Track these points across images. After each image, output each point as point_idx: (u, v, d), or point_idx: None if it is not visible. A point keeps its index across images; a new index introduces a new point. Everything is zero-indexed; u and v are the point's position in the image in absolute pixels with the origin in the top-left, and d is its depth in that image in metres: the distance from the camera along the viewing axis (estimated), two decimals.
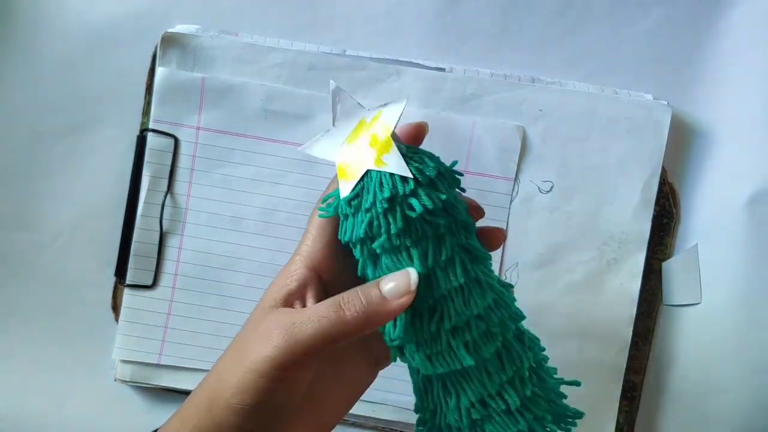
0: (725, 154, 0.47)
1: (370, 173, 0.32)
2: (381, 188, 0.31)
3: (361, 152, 0.32)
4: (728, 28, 0.47)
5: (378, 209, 0.31)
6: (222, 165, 0.48)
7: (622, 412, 0.48)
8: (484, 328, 0.33)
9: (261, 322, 0.32)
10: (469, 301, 0.33)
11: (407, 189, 0.31)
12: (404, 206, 0.31)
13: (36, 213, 0.49)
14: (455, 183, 0.34)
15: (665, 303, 0.48)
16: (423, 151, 0.33)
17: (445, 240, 0.32)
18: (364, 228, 0.32)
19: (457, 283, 0.32)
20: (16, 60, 0.48)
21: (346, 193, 0.32)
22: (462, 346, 0.33)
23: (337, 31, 0.48)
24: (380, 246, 0.32)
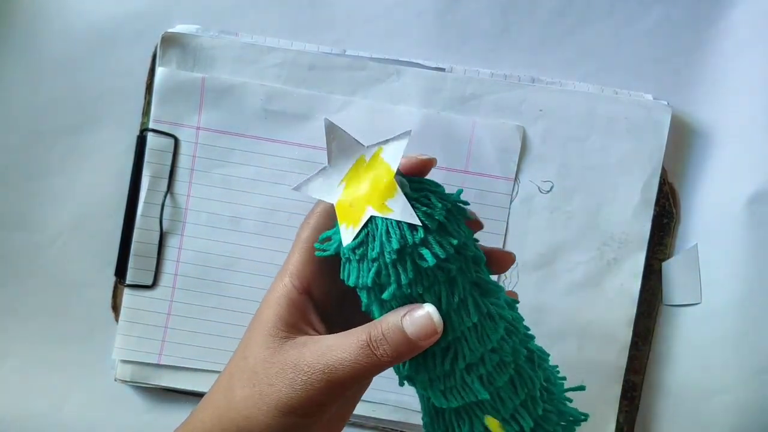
0: (725, 154, 0.47)
1: (375, 220, 0.30)
2: (388, 238, 0.30)
3: (362, 195, 0.31)
4: (728, 28, 0.47)
5: (386, 259, 0.30)
6: (222, 165, 0.48)
7: (622, 412, 0.48)
8: (497, 359, 0.32)
9: (278, 356, 0.31)
10: (483, 338, 0.32)
11: (417, 238, 0.29)
12: (415, 256, 0.30)
13: (36, 213, 0.49)
14: (462, 214, 0.32)
15: (665, 303, 0.48)
16: (427, 185, 0.32)
17: (457, 282, 0.31)
18: (371, 277, 0.30)
19: (471, 322, 0.31)
20: (16, 60, 0.48)
21: (348, 240, 0.30)
22: (477, 381, 0.32)
23: (337, 31, 0.48)
24: (390, 295, 0.30)
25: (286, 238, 0.48)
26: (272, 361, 0.31)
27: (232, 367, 0.33)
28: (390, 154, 0.30)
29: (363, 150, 0.31)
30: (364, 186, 0.31)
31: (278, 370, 0.31)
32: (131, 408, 0.49)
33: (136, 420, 0.49)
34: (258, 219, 0.48)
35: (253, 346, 0.32)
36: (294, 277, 0.33)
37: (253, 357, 0.32)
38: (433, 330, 0.30)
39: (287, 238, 0.48)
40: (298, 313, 0.33)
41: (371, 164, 0.31)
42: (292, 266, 0.33)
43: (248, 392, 0.32)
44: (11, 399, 0.49)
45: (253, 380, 0.32)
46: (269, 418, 0.31)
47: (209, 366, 0.48)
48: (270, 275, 0.47)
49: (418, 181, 0.32)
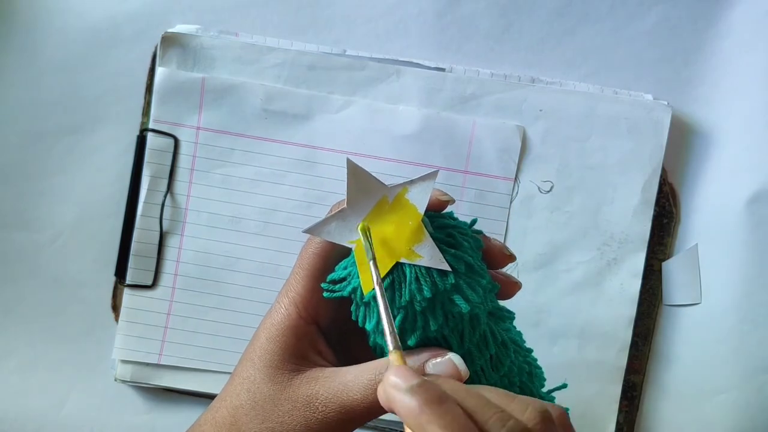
0: (725, 154, 0.47)
1: (402, 267, 0.28)
2: (419, 287, 0.28)
3: (386, 239, 0.29)
4: (728, 28, 0.47)
5: (416, 308, 0.28)
6: (222, 165, 0.48)
7: (622, 412, 0.48)
8: (506, 382, 0.32)
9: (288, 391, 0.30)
10: (497, 366, 0.31)
11: (448, 285, 0.28)
12: (446, 303, 0.28)
13: (36, 213, 0.49)
14: (479, 246, 0.31)
15: (665, 303, 0.48)
16: (447, 222, 0.30)
17: (479, 318, 0.30)
18: (396, 325, 0.28)
19: (488, 354, 0.30)
20: (16, 60, 0.48)
21: (370, 287, 0.28)
22: None
23: (337, 31, 0.48)
24: (415, 341, 0.29)
25: (286, 238, 0.48)
26: (282, 397, 0.30)
27: (234, 399, 0.31)
28: (416, 195, 0.29)
29: (386, 190, 0.29)
30: (387, 229, 0.29)
31: (290, 408, 0.30)
32: (131, 408, 0.49)
33: (136, 420, 0.49)
34: (258, 219, 0.48)
35: (258, 381, 0.31)
36: (300, 307, 0.31)
37: (260, 392, 0.30)
38: (459, 378, 0.28)
39: (287, 238, 0.48)
40: (307, 344, 0.31)
41: (395, 206, 0.29)
42: (296, 294, 0.31)
43: (257, 429, 0.30)
44: (11, 399, 0.49)
45: (261, 417, 0.30)
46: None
47: (209, 366, 0.48)
48: (270, 275, 0.47)
49: (439, 217, 0.30)
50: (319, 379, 0.30)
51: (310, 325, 0.31)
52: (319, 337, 0.32)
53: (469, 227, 0.31)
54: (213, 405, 0.32)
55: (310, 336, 0.31)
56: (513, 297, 0.33)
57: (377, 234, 0.29)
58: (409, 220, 0.29)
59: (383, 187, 0.29)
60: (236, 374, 0.32)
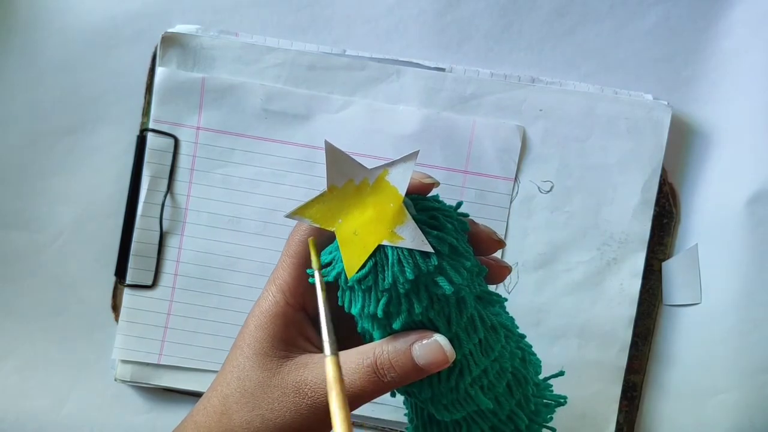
0: (725, 154, 0.47)
1: (384, 249, 0.28)
2: (401, 269, 0.28)
3: (367, 222, 0.28)
4: (728, 28, 0.47)
5: (400, 290, 0.28)
6: (222, 165, 0.48)
7: (622, 412, 0.48)
8: (498, 367, 0.32)
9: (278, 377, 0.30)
10: (487, 350, 0.31)
11: (431, 266, 0.28)
12: (429, 285, 0.28)
13: (36, 213, 0.49)
14: (464, 229, 0.30)
15: (665, 303, 0.48)
16: (431, 204, 0.30)
17: (466, 301, 0.30)
18: (381, 308, 0.28)
19: (477, 339, 0.30)
20: (16, 60, 0.48)
21: (353, 270, 0.28)
22: (479, 392, 0.31)
23: (337, 31, 0.48)
24: (401, 324, 0.29)
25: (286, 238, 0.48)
26: (272, 384, 0.30)
27: (225, 388, 0.32)
28: (397, 177, 0.28)
29: (366, 173, 0.29)
30: (368, 212, 0.29)
31: (279, 394, 0.30)
32: (131, 408, 0.49)
33: (136, 420, 0.49)
34: (258, 219, 0.48)
35: (248, 368, 0.31)
36: (287, 294, 0.31)
37: (249, 379, 0.31)
38: (445, 359, 0.29)
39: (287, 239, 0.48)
40: (295, 331, 0.31)
41: (375, 188, 0.29)
42: (283, 282, 0.32)
43: (247, 416, 0.30)
44: (11, 399, 0.49)
45: (251, 404, 0.30)
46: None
47: (209, 366, 0.48)
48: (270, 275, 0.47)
49: (422, 199, 0.30)
50: (308, 365, 0.30)
51: (298, 312, 0.32)
52: (308, 324, 0.32)
53: (455, 210, 0.31)
54: (205, 395, 0.33)
55: (298, 322, 0.32)
56: (504, 281, 0.33)
57: (357, 218, 0.29)
58: (390, 202, 0.28)
59: (363, 169, 0.29)
60: (227, 363, 0.32)
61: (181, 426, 0.33)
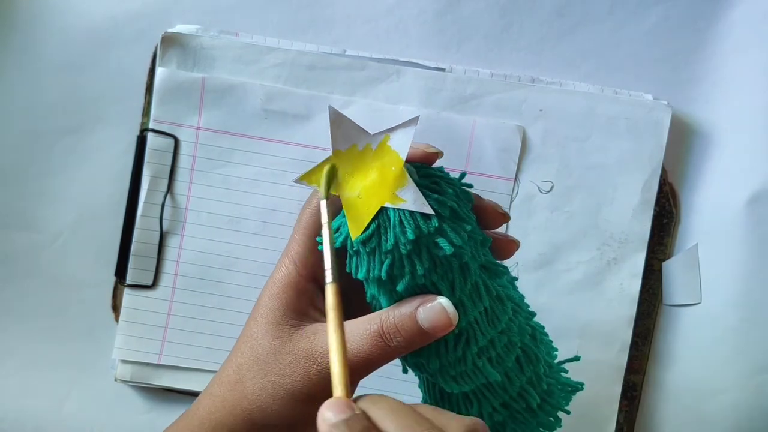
0: (725, 154, 0.47)
1: (387, 211, 0.29)
2: (403, 230, 0.28)
3: (370, 185, 0.29)
4: (728, 28, 0.47)
5: (402, 251, 0.29)
6: (222, 165, 0.48)
7: (622, 412, 0.48)
8: (506, 340, 0.32)
9: (290, 344, 0.31)
10: (493, 320, 0.31)
11: (431, 227, 0.28)
12: (430, 246, 0.29)
13: (36, 213, 0.49)
14: (468, 198, 0.31)
15: (665, 303, 0.48)
16: (434, 172, 0.31)
17: (470, 267, 0.30)
18: (385, 270, 0.29)
19: (482, 307, 0.31)
20: (16, 60, 0.48)
21: (357, 233, 0.29)
22: (487, 364, 0.32)
23: (337, 31, 0.48)
24: (404, 287, 0.30)
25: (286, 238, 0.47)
26: (283, 351, 0.31)
27: (239, 357, 0.33)
28: (398, 142, 0.29)
29: (369, 138, 0.30)
30: (371, 176, 0.29)
31: (291, 360, 0.31)
32: (131, 408, 0.49)
33: (136, 420, 0.49)
34: (258, 219, 0.48)
35: (260, 337, 0.32)
36: (299, 264, 0.32)
37: (261, 347, 0.32)
38: (448, 322, 0.29)
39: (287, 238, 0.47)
40: (306, 300, 0.32)
41: (378, 153, 0.30)
42: (295, 253, 0.33)
43: (260, 383, 0.31)
44: (11, 399, 0.49)
45: (264, 371, 0.31)
46: (285, 408, 0.30)
47: (209, 366, 0.48)
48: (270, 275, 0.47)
49: (425, 167, 0.31)
50: (319, 332, 0.31)
51: (309, 282, 0.32)
52: (319, 294, 0.33)
53: (458, 180, 0.31)
54: (221, 367, 0.34)
55: (310, 293, 0.32)
56: (512, 257, 0.34)
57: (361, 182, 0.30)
58: (392, 165, 0.29)
59: (366, 134, 0.30)
60: (242, 334, 0.33)
61: (198, 400, 0.34)
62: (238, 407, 0.32)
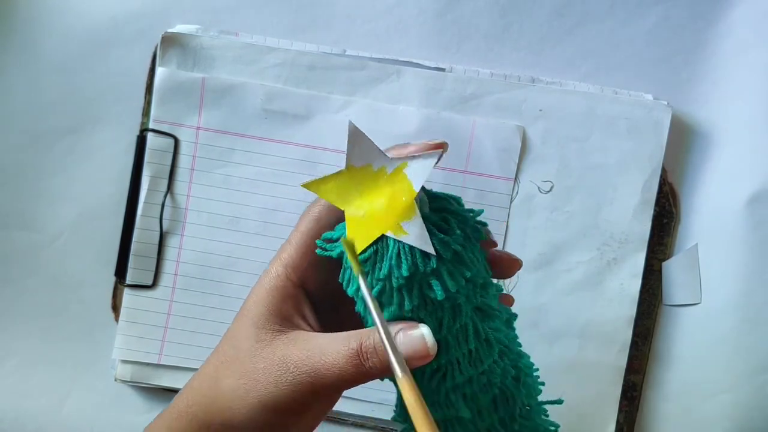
0: (725, 154, 0.47)
1: (387, 240, 0.28)
2: (399, 263, 0.28)
3: (377, 209, 0.28)
4: (728, 28, 0.47)
5: (393, 284, 0.28)
6: (222, 165, 0.48)
7: (622, 412, 0.48)
8: (485, 380, 0.31)
9: (267, 351, 0.31)
10: (476, 362, 0.30)
11: (428, 267, 0.27)
12: (423, 285, 0.28)
13: (36, 213, 0.49)
14: (477, 236, 0.30)
15: (665, 303, 0.48)
16: (448, 203, 0.30)
17: (461, 309, 0.29)
18: (375, 294, 0.28)
19: (467, 348, 0.30)
20: (16, 60, 0.48)
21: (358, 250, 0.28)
22: (461, 400, 0.31)
23: (337, 31, 0.48)
24: (391, 316, 0.29)
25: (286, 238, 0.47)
26: (260, 355, 0.31)
27: (220, 355, 0.32)
28: (415, 172, 0.28)
29: (386, 161, 0.29)
30: (380, 200, 0.28)
31: (265, 366, 0.30)
32: (131, 408, 0.49)
33: (136, 420, 0.49)
34: (258, 219, 0.48)
35: (241, 337, 0.32)
36: (289, 269, 0.32)
37: (241, 348, 0.31)
38: (426, 353, 0.28)
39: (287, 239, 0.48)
40: (292, 306, 0.32)
41: (392, 178, 0.29)
42: (288, 257, 0.32)
43: (234, 384, 0.31)
44: (11, 399, 0.49)
45: (239, 372, 0.31)
46: (253, 412, 0.30)
47: None
48: None
49: (439, 199, 0.30)
50: (298, 341, 0.30)
51: (298, 288, 0.32)
52: (305, 302, 0.32)
53: (473, 218, 0.30)
54: (205, 361, 0.33)
55: (296, 299, 0.32)
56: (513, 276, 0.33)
57: (369, 203, 0.29)
58: (403, 195, 0.28)
59: (384, 156, 0.29)
60: (227, 331, 0.33)
61: (180, 392, 0.33)
62: (213, 404, 0.31)
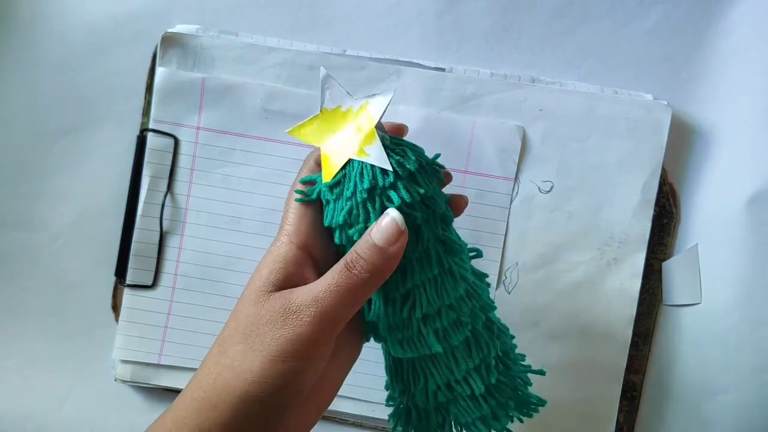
0: (725, 154, 0.47)
1: (352, 162, 0.33)
2: (361, 178, 0.32)
3: (346, 141, 0.33)
4: (728, 28, 0.47)
5: (358, 199, 0.32)
6: (222, 165, 0.48)
7: (622, 412, 0.48)
8: (454, 317, 0.34)
9: (267, 306, 0.32)
10: (441, 292, 0.34)
11: (387, 181, 0.32)
12: (383, 198, 0.32)
13: (36, 213, 0.49)
14: (436, 175, 0.35)
15: (665, 303, 0.48)
16: (406, 143, 0.34)
17: (422, 232, 0.33)
18: (343, 215, 0.33)
19: (431, 274, 0.33)
20: (16, 60, 0.48)
21: (328, 179, 0.33)
22: (432, 334, 0.34)
23: (337, 31, 0.48)
24: (357, 232, 0.32)
25: None
26: (261, 313, 0.32)
27: (224, 332, 0.33)
28: (375, 107, 0.33)
29: (352, 101, 0.34)
30: (348, 132, 0.33)
31: (268, 319, 0.31)
32: (131, 408, 0.49)
33: (136, 420, 0.49)
34: (258, 219, 0.48)
35: (243, 307, 0.33)
36: (291, 234, 0.34)
37: (243, 316, 0.32)
38: (398, 231, 0.31)
39: None
40: (292, 268, 0.33)
41: (357, 114, 0.34)
42: (287, 224, 0.34)
43: (240, 348, 0.31)
44: (11, 399, 0.49)
45: (243, 336, 0.32)
46: (264, 368, 0.30)
47: None
48: None
49: (399, 140, 0.34)
50: (295, 290, 0.32)
51: (300, 251, 0.33)
52: (307, 264, 0.34)
53: (430, 158, 0.35)
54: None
55: (298, 260, 0.33)
56: (462, 214, 0.37)
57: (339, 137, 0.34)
58: (366, 125, 0.33)
59: (350, 97, 0.34)
60: (230, 314, 0.34)
61: (186, 385, 0.34)
62: (220, 378, 0.31)
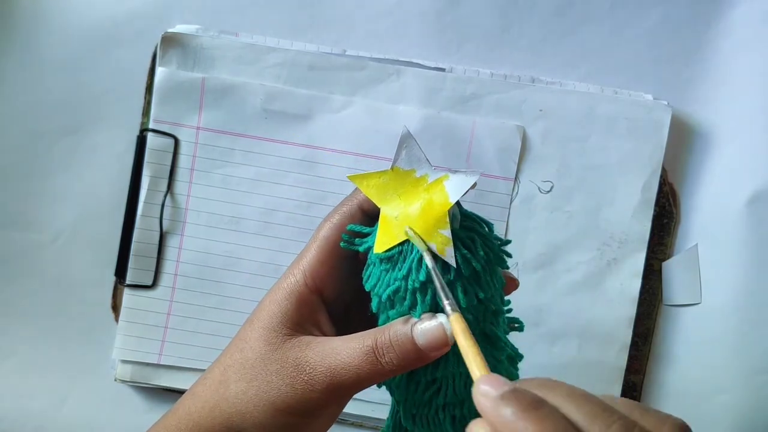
0: (725, 154, 0.47)
1: (413, 245, 0.29)
2: (418, 267, 0.29)
3: (411, 212, 0.30)
4: (728, 28, 0.47)
5: (409, 285, 0.29)
6: (222, 165, 0.48)
7: None
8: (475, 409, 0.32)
9: (278, 353, 0.31)
10: (470, 387, 0.30)
11: (446, 278, 0.29)
12: (437, 296, 0.29)
13: (36, 213, 0.49)
14: (501, 265, 0.31)
15: (665, 303, 0.48)
16: (479, 226, 0.31)
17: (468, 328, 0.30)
18: (388, 293, 0.30)
19: (466, 369, 0.30)
20: (16, 60, 0.48)
21: (380, 249, 0.30)
22: (449, 420, 0.32)
23: (337, 31, 0.48)
24: (398, 314, 0.30)
25: (286, 238, 0.48)
26: (272, 358, 0.30)
27: (228, 359, 0.32)
28: (454, 185, 0.29)
29: (429, 170, 0.30)
30: (416, 205, 0.30)
31: (278, 368, 0.30)
32: (131, 408, 0.49)
33: (136, 420, 0.49)
34: (258, 219, 0.48)
35: (252, 340, 0.31)
36: (307, 275, 0.32)
37: (251, 351, 0.31)
38: (445, 341, 0.28)
39: (287, 238, 0.48)
40: (306, 313, 0.32)
41: (432, 187, 0.30)
42: (306, 263, 0.32)
43: (244, 387, 0.31)
44: (11, 399, 0.49)
45: (249, 375, 0.31)
46: (265, 416, 0.30)
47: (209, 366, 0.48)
48: (270, 275, 0.47)
49: (471, 219, 0.31)
50: (311, 343, 0.31)
51: (314, 295, 0.32)
52: (321, 309, 0.32)
53: (499, 245, 0.31)
54: (208, 367, 0.33)
55: (312, 305, 0.32)
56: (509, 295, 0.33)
57: (405, 206, 0.30)
58: (438, 205, 0.29)
59: (428, 165, 0.30)
60: (235, 336, 0.33)
61: (181, 399, 0.33)
62: (217, 409, 0.31)
